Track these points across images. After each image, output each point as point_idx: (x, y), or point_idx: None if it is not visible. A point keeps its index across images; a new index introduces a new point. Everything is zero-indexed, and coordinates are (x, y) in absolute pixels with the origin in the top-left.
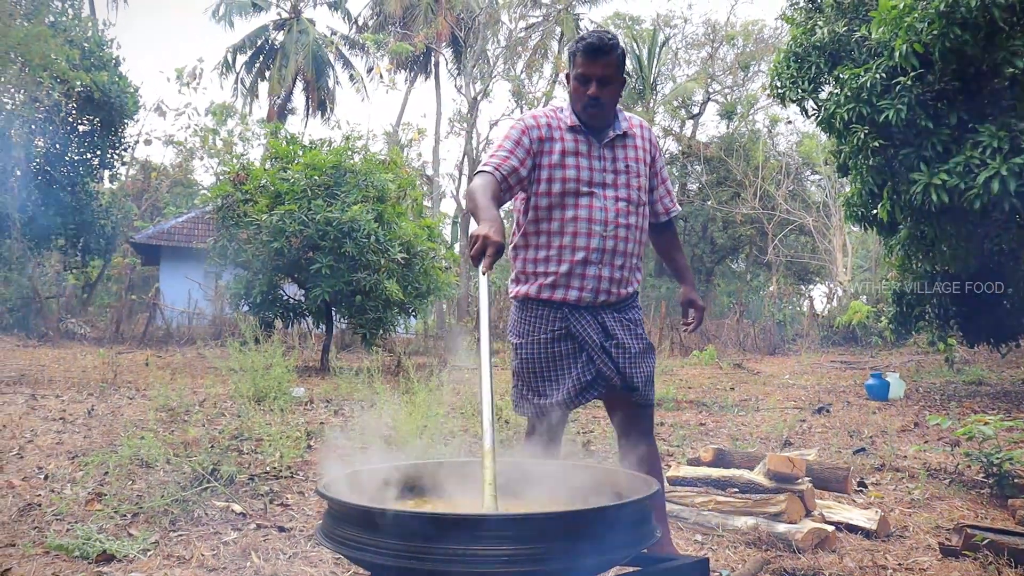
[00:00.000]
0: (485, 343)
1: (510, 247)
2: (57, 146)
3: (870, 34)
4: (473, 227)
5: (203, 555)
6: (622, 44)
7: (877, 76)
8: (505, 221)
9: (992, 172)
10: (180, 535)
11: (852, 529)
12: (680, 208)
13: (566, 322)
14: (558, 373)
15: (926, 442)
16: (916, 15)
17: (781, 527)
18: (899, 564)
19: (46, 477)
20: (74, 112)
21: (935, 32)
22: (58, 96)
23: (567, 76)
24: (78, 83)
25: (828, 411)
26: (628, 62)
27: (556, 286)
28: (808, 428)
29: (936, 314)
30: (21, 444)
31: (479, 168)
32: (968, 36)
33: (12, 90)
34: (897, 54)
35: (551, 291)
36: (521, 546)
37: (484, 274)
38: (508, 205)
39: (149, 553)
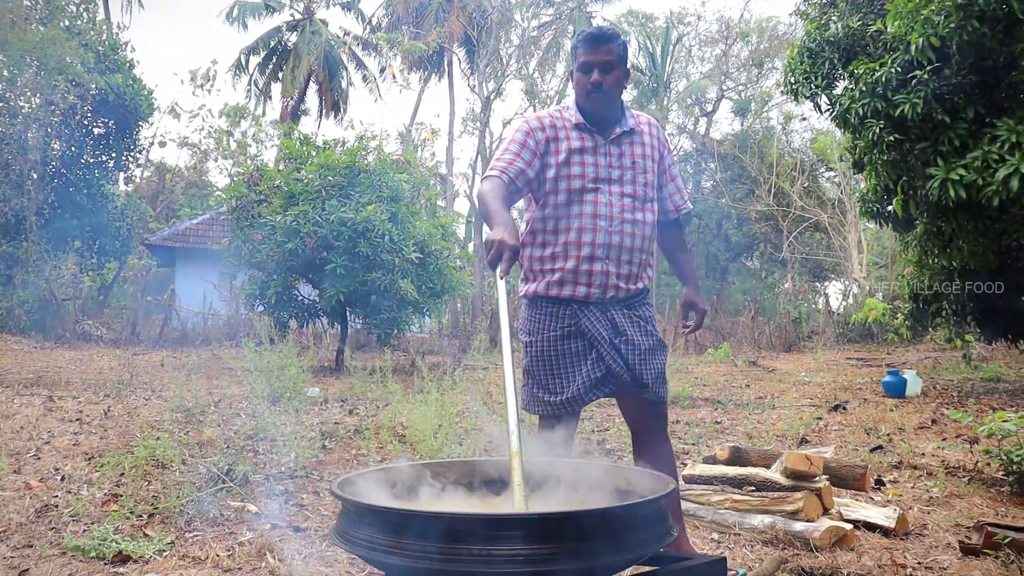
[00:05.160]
0: (507, 347)
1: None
2: (73, 149)
3: (885, 28)
4: (487, 232)
5: (218, 555)
6: (625, 39)
7: (893, 70)
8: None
9: (1011, 169)
10: (196, 535)
11: (870, 527)
12: (691, 206)
13: (575, 319)
14: (568, 370)
15: (944, 439)
16: (933, 8)
17: (798, 525)
18: (918, 563)
19: (63, 478)
20: (89, 115)
21: (952, 25)
22: (73, 99)
23: (571, 73)
24: (93, 86)
25: (845, 408)
26: (642, 59)
27: (564, 283)
28: (825, 426)
29: (953, 311)
30: (38, 445)
31: (487, 173)
32: (986, 29)
33: (28, 93)
34: (913, 48)
35: (559, 288)
36: (537, 546)
37: (502, 279)
38: (519, 203)
39: (165, 553)
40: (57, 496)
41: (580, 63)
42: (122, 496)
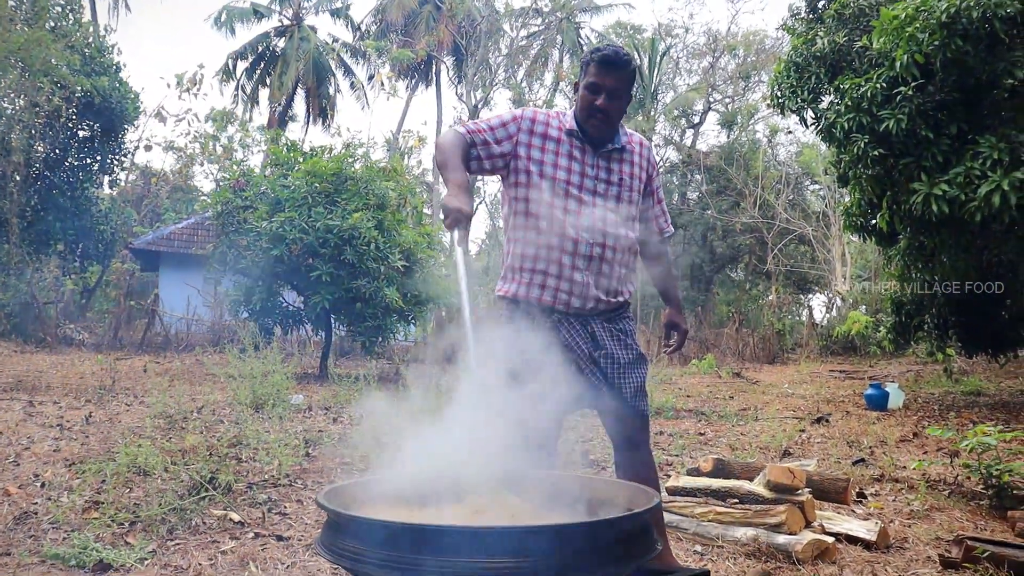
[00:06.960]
0: (467, 310)
1: (504, 241)
2: (57, 151)
3: (871, 44)
4: (445, 197)
5: (200, 564)
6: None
7: (878, 86)
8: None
9: (993, 186)
10: (177, 544)
11: (852, 540)
12: (673, 230)
13: (555, 331)
14: (547, 383)
15: (925, 453)
16: (917, 25)
17: (781, 538)
18: None
19: (43, 485)
20: (74, 117)
21: (936, 43)
22: (58, 101)
23: (575, 85)
24: (78, 88)
25: (827, 421)
26: None
27: (545, 287)
28: (807, 438)
29: (935, 324)
30: (18, 451)
31: (455, 127)
32: (969, 47)
33: (12, 95)
34: (898, 64)
35: (540, 292)
36: (520, 558)
37: (460, 247)
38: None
39: (146, 562)
40: (37, 503)
41: (588, 82)
42: (103, 503)
